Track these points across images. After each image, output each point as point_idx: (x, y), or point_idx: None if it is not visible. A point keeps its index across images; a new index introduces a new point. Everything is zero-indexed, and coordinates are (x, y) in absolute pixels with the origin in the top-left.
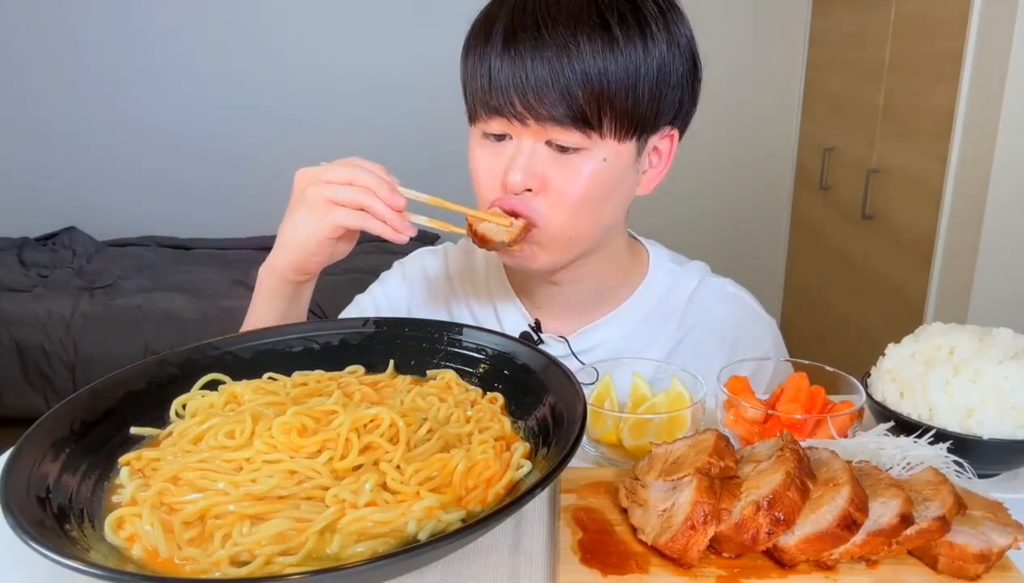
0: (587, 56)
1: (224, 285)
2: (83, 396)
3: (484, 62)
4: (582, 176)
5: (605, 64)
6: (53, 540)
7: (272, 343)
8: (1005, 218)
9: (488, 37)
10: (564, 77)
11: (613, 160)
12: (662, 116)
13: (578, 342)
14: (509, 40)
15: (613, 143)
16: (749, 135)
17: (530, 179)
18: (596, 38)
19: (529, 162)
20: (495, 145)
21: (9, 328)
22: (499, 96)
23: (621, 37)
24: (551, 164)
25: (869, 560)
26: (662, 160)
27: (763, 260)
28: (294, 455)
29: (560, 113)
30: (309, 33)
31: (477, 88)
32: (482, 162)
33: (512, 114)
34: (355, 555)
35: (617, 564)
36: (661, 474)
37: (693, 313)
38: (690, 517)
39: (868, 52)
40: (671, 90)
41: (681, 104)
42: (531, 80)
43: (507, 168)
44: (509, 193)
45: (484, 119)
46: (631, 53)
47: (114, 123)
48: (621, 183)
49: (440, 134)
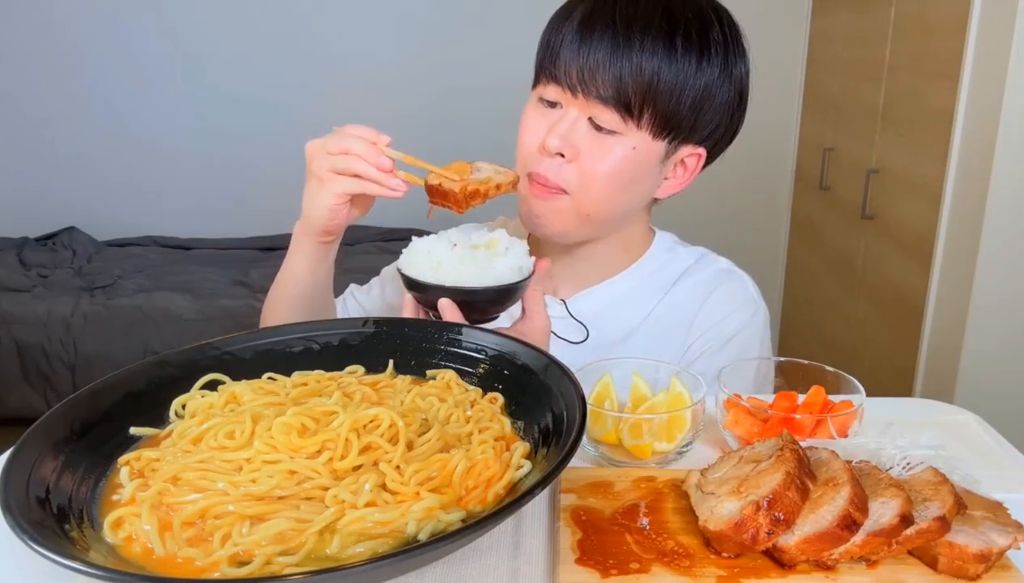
0: (646, 53)
1: (224, 285)
2: (83, 396)
3: (558, 34)
4: (611, 156)
5: (659, 65)
6: (53, 540)
7: (272, 343)
8: (1005, 218)
9: (569, 15)
10: (620, 63)
11: (642, 152)
12: (698, 130)
13: (573, 304)
14: (585, 22)
15: (647, 137)
16: (749, 135)
17: (565, 146)
18: (659, 42)
19: (569, 130)
20: (546, 110)
21: (9, 328)
22: (561, 65)
23: (680, 48)
24: (587, 139)
25: (869, 560)
26: (686, 173)
27: (763, 260)
28: (294, 455)
29: (607, 93)
30: (310, 34)
31: (546, 55)
32: (531, 122)
33: (567, 84)
34: (355, 555)
35: (617, 564)
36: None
37: (683, 284)
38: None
39: (868, 52)
40: (712, 110)
41: (718, 126)
42: (591, 58)
43: (548, 131)
44: (544, 155)
45: (543, 84)
46: (685, 65)
47: (114, 123)
48: (644, 176)
49: (445, 136)
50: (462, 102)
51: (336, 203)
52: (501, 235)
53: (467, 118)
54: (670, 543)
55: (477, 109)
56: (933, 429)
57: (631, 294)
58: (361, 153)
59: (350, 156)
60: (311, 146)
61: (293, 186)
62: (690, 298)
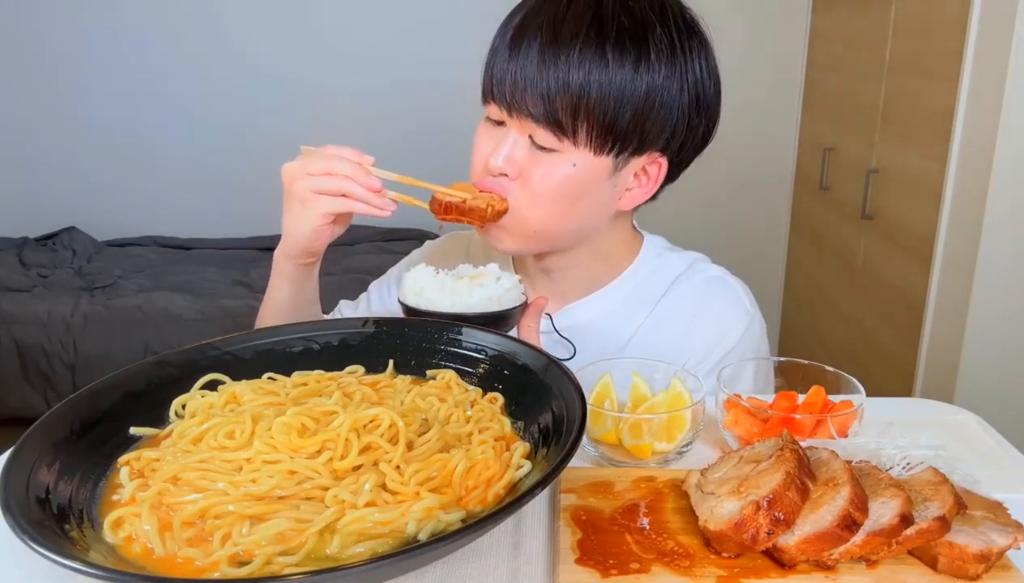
0: (573, 67)
1: (224, 285)
2: (83, 396)
3: (494, 53)
4: (551, 175)
5: (588, 78)
6: (53, 540)
7: (272, 343)
8: (1005, 218)
9: (504, 31)
10: (546, 81)
11: (584, 169)
12: (648, 140)
13: (560, 319)
14: (515, 37)
15: (587, 153)
16: (749, 135)
17: (508, 165)
18: (587, 52)
19: (510, 150)
20: (493, 129)
21: (9, 328)
22: (497, 85)
23: (612, 58)
24: (529, 157)
25: (869, 560)
26: (650, 182)
27: (763, 260)
28: (294, 455)
29: (537, 113)
30: (309, 33)
31: (485, 72)
32: (479, 141)
33: (503, 103)
34: (355, 555)
35: (617, 564)
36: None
37: (672, 294)
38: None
39: (868, 52)
40: (662, 117)
41: (674, 132)
42: (520, 75)
43: (492, 151)
44: (489, 174)
45: (487, 102)
46: (619, 74)
47: (114, 123)
48: (592, 193)
49: (441, 132)
50: (463, 103)
51: (321, 224)
52: (492, 268)
53: (468, 121)
54: (670, 543)
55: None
56: (933, 429)
57: (619, 308)
58: (348, 173)
59: (335, 177)
60: (288, 169)
61: None
62: (679, 310)
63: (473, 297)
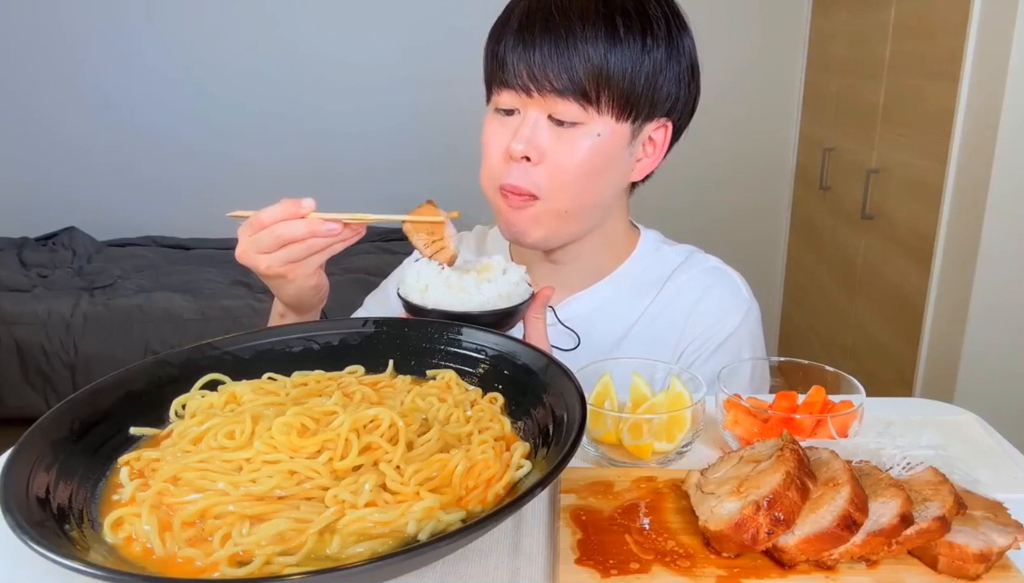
0: (590, 41)
1: (224, 285)
2: (83, 396)
3: (500, 43)
4: (578, 149)
5: (606, 49)
6: (53, 540)
7: (272, 343)
8: (1005, 218)
9: (506, 23)
10: (567, 54)
11: (608, 137)
12: (658, 105)
13: (563, 310)
14: (523, 25)
15: (610, 121)
16: (749, 135)
17: (530, 149)
18: (599, 27)
19: (531, 133)
20: (504, 119)
21: (9, 328)
22: (510, 69)
23: (623, 29)
24: (551, 137)
25: (869, 560)
26: (656, 149)
27: (763, 260)
28: (294, 455)
29: (562, 84)
30: (308, 34)
31: (493, 64)
32: (491, 133)
33: (519, 86)
34: (355, 555)
35: (617, 564)
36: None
37: (673, 284)
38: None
39: (868, 52)
40: (668, 84)
41: (677, 98)
42: (537, 55)
43: (511, 138)
44: (511, 162)
45: (496, 93)
46: (631, 44)
47: (114, 123)
48: (615, 161)
49: (436, 133)
50: (460, 105)
51: (315, 282)
52: (497, 260)
53: (462, 123)
54: (670, 543)
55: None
56: (933, 429)
57: (620, 298)
58: (303, 233)
59: (296, 244)
60: (245, 256)
61: (294, 186)
62: (681, 298)
63: (483, 295)
